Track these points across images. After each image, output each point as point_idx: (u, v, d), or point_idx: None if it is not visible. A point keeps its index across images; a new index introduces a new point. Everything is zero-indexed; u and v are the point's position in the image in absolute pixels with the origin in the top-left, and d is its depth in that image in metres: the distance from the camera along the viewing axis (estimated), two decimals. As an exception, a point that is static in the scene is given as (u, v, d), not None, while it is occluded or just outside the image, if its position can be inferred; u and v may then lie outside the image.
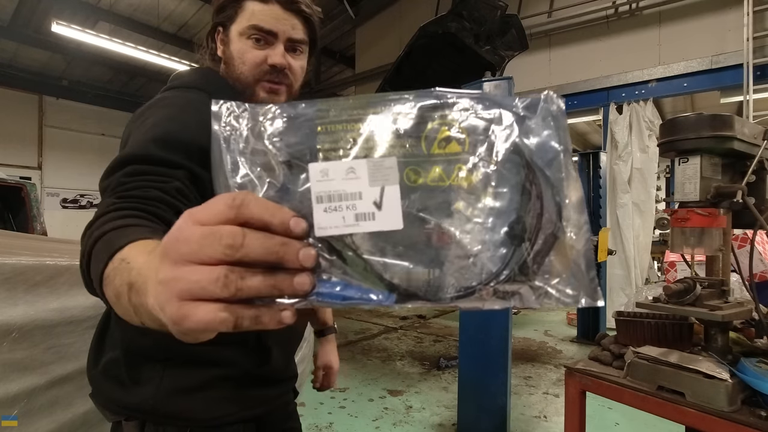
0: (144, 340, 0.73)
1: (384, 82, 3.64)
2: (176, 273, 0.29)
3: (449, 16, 3.20)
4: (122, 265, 0.43)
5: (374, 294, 0.32)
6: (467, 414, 2.46)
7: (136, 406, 0.74)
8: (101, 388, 0.79)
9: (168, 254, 0.30)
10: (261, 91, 0.81)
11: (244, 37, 0.79)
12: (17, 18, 6.76)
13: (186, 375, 0.75)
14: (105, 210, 0.55)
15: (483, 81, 2.40)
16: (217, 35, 0.84)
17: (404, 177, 0.33)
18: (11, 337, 1.16)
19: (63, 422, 1.24)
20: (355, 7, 7.29)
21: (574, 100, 5.49)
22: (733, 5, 4.45)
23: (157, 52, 6.45)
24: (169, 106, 0.75)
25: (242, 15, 0.79)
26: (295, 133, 0.35)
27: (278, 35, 0.79)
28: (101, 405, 0.80)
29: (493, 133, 0.35)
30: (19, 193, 3.95)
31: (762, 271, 2.37)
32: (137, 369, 0.75)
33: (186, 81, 0.83)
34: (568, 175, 0.34)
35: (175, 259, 0.29)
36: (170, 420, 0.75)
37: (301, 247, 0.30)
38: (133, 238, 0.46)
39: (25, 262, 1.27)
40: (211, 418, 0.76)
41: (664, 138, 1.21)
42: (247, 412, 0.80)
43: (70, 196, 9.24)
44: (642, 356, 1.13)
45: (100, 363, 0.79)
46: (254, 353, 0.80)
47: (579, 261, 0.33)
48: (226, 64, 0.82)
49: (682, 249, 1.17)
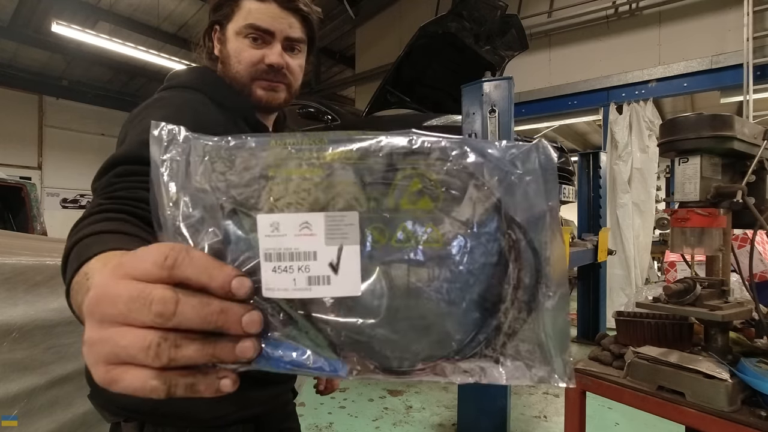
0: None
1: (384, 82, 3.63)
2: (102, 335, 0.26)
3: (449, 16, 3.20)
4: (83, 280, 0.41)
5: (325, 363, 0.29)
6: (467, 414, 2.46)
7: (135, 406, 0.74)
8: (100, 390, 0.78)
9: (93, 314, 0.27)
10: (258, 90, 0.80)
11: (241, 36, 0.78)
12: (17, 18, 6.76)
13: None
14: (90, 211, 0.55)
15: (483, 81, 2.40)
16: (213, 34, 0.83)
17: (366, 235, 0.29)
18: (11, 337, 1.16)
19: (63, 422, 1.24)
20: (355, 7, 7.29)
21: (574, 100, 5.49)
22: (733, 5, 4.44)
23: (157, 52, 6.45)
24: (166, 106, 0.74)
25: (239, 14, 0.78)
26: (242, 174, 0.29)
27: (275, 34, 0.78)
28: (100, 406, 0.80)
29: (472, 189, 0.30)
30: (19, 193, 3.95)
31: (762, 271, 2.37)
32: None
33: (183, 81, 0.82)
34: (552, 238, 0.30)
35: (100, 319, 0.26)
36: (169, 420, 0.74)
37: (244, 312, 0.27)
38: (102, 249, 0.43)
39: (25, 262, 1.27)
40: (211, 418, 0.76)
41: (664, 138, 1.21)
42: (246, 412, 0.79)
43: (70, 196, 9.25)
44: (642, 356, 1.13)
45: None
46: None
47: (555, 338, 0.30)
48: (223, 63, 0.81)
49: (682, 249, 1.17)
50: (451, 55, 3.63)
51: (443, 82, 3.89)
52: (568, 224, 5.39)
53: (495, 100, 2.36)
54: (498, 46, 3.64)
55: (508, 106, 2.35)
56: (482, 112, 2.39)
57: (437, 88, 4.00)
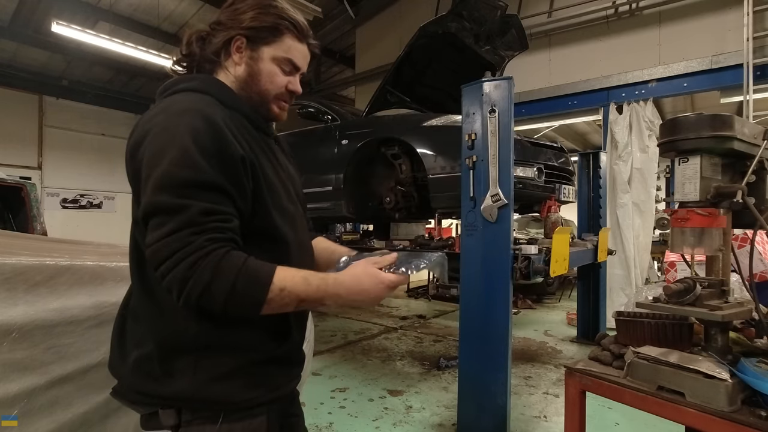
0: (181, 336, 0.83)
1: (384, 82, 3.63)
2: (381, 293, 0.85)
3: (449, 16, 3.19)
4: (284, 294, 0.78)
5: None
6: (467, 414, 2.46)
7: (174, 395, 0.82)
8: (132, 384, 0.86)
9: (380, 296, 0.84)
10: (276, 107, 0.97)
11: (275, 63, 0.93)
12: (17, 18, 6.76)
13: (217, 364, 0.83)
14: (207, 247, 0.74)
15: (483, 81, 2.40)
16: (234, 42, 0.92)
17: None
18: (11, 337, 1.16)
19: (63, 422, 1.24)
20: (355, 7, 7.29)
21: (574, 100, 5.49)
22: (733, 5, 4.45)
23: (157, 52, 6.45)
24: (189, 111, 0.82)
25: (280, 45, 0.93)
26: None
27: (300, 69, 0.98)
28: (129, 401, 0.87)
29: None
30: (19, 193, 3.95)
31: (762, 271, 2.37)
32: (170, 363, 0.82)
33: (191, 85, 0.90)
34: None
35: (388, 285, 0.84)
36: (206, 405, 0.82)
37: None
38: (270, 272, 0.78)
39: (25, 262, 1.26)
40: (242, 400, 0.84)
41: (664, 138, 1.21)
42: (272, 394, 0.89)
43: (70, 196, 9.24)
44: (642, 356, 1.13)
45: (129, 360, 0.87)
46: (276, 335, 0.90)
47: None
48: (251, 76, 0.93)
49: (682, 249, 1.17)
50: (451, 55, 3.63)
51: (443, 82, 3.89)
52: (568, 224, 5.39)
53: (495, 100, 2.36)
54: (498, 46, 3.63)
55: (508, 106, 2.35)
56: (482, 112, 2.39)
57: (437, 88, 4.00)
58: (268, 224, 0.88)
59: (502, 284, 2.36)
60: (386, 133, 3.26)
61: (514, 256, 2.45)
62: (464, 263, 2.49)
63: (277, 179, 0.93)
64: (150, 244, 0.76)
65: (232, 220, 0.79)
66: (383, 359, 3.96)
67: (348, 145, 3.42)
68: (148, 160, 0.78)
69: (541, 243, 2.82)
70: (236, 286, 0.74)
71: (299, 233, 0.97)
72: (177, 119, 0.80)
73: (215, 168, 0.78)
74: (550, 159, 3.15)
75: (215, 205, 0.77)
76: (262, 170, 0.88)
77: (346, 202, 3.47)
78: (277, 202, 0.90)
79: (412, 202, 3.28)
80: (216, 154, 0.78)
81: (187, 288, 0.73)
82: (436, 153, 2.97)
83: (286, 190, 0.96)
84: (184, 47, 0.95)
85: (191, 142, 0.77)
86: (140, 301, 0.89)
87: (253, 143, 0.89)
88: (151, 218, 0.76)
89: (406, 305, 6.72)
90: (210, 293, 0.73)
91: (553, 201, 3.14)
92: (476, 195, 2.42)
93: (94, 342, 1.34)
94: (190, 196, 0.75)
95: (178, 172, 0.75)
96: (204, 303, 0.74)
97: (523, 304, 6.42)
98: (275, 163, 0.96)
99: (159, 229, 0.75)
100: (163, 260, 0.74)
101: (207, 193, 0.77)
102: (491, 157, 2.35)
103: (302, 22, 0.95)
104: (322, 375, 3.46)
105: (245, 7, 0.92)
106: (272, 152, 0.98)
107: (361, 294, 0.82)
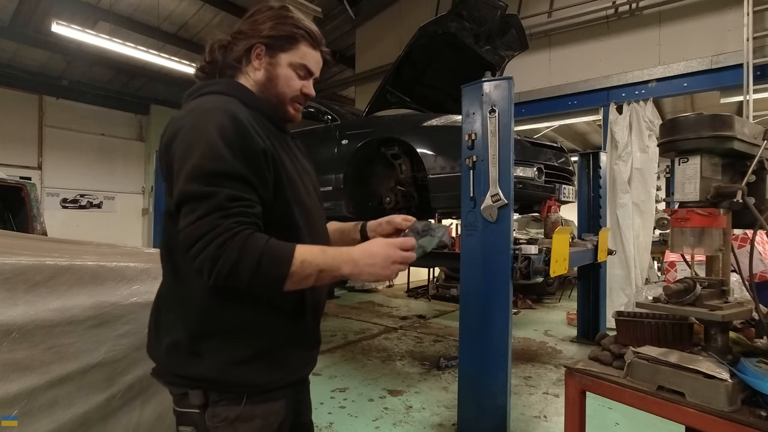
0: (206, 321, 0.91)
1: (384, 82, 3.63)
2: (392, 268, 0.91)
3: (449, 16, 3.19)
4: (305, 265, 0.84)
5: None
6: (467, 414, 2.46)
7: (200, 375, 0.90)
8: (166, 366, 0.96)
9: (388, 257, 0.90)
10: (291, 109, 1.07)
11: (292, 68, 1.03)
12: (17, 18, 6.75)
13: (240, 347, 0.91)
14: (234, 228, 0.82)
15: (483, 81, 2.40)
16: (254, 50, 1.02)
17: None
18: (11, 337, 1.16)
19: (63, 422, 1.24)
20: (355, 7, 7.29)
21: (574, 100, 5.49)
22: (733, 5, 4.44)
23: (157, 52, 6.44)
24: (216, 109, 0.91)
25: (296, 51, 1.03)
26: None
27: (314, 74, 1.07)
28: (166, 381, 0.97)
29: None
30: (19, 193, 3.95)
31: (762, 271, 2.37)
32: (197, 345, 0.91)
33: (216, 89, 0.99)
34: None
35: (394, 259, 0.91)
36: (231, 387, 0.90)
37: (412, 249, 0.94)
38: (291, 249, 0.85)
39: (25, 262, 1.27)
40: (265, 383, 0.93)
41: (664, 138, 1.21)
42: (292, 377, 0.98)
43: (70, 196, 9.23)
44: (642, 356, 1.13)
45: (163, 344, 0.96)
46: (294, 320, 0.98)
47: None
48: (269, 80, 1.03)
49: (682, 249, 1.17)
50: (451, 55, 3.63)
51: (443, 82, 3.89)
52: (568, 224, 5.39)
53: (495, 100, 2.36)
54: (498, 46, 3.63)
55: (508, 106, 2.35)
56: (482, 112, 2.39)
57: (437, 88, 4.00)
58: (286, 213, 0.96)
59: (502, 284, 2.36)
60: (386, 133, 3.26)
61: (514, 256, 2.45)
62: (464, 263, 2.49)
63: (295, 173, 1.02)
64: (183, 228, 0.83)
65: (254, 206, 0.87)
66: (383, 359, 3.96)
67: (348, 145, 3.42)
68: (180, 155, 0.87)
69: (541, 243, 2.82)
70: (261, 263, 0.81)
71: (316, 223, 1.06)
72: (204, 117, 0.89)
73: (239, 160, 0.86)
74: (550, 159, 3.15)
75: (240, 192, 0.85)
76: (282, 163, 0.96)
77: (346, 202, 3.47)
78: (295, 194, 0.99)
79: (412, 202, 3.28)
80: (240, 148, 0.87)
81: (218, 266, 0.80)
82: (436, 153, 2.97)
83: (304, 183, 1.04)
84: (207, 55, 1.05)
85: (218, 137, 0.85)
86: (170, 289, 0.99)
87: (273, 139, 0.97)
88: (184, 205, 0.84)
89: (406, 305, 6.72)
90: (237, 271, 0.80)
91: (553, 201, 3.14)
92: (476, 195, 2.42)
93: (94, 342, 1.34)
94: (217, 184, 0.83)
95: (207, 164, 0.84)
96: (232, 280, 0.81)
97: (523, 304, 6.42)
98: (293, 159, 1.05)
99: (191, 215, 0.83)
100: (195, 241, 0.81)
101: (232, 182, 0.84)
102: (491, 157, 2.35)
103: (316, 31, 1.06)
104: (322, 375, 3.46)
105: (264, 18, 1.02)
106: (290, 149, 1.07)
107: (373, 257, 0.89)
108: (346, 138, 3.46)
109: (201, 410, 0.90)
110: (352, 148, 3.38)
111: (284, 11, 1.03)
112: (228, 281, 0.81)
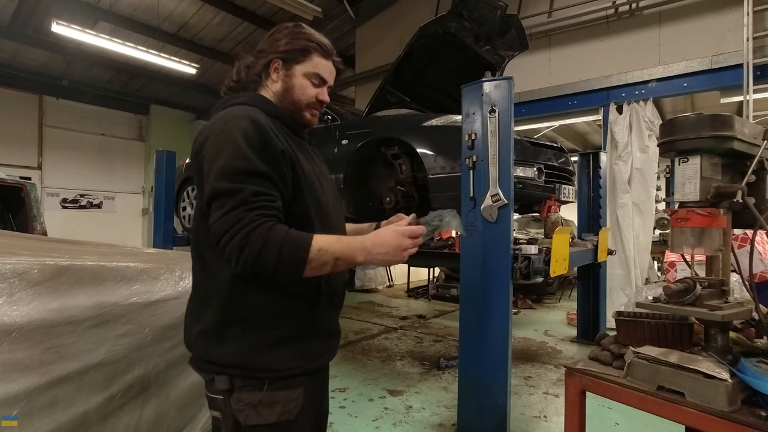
0: (230, 309, 1.00)
1: (384, 82, 3.63)
2: (402, 254, 1.01)
3: (449, 16, 3.19)
4: (322, 252, 0.93)
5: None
6: (467, 414, 2.46)
7: (224, 361, 0.98)
8: (197, 353, 1.05)
9: (401, 244, 1.00)
10: (308, 115, 1.17)
11: (306, 78, 1.14)
12: (17, 18, 6.75)
13: (262, 335, 1.00)
14: (258, 221, 0.91)
15: (483, 81, 2.40)
16: (272, 64, 1.13)
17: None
18: (11, 337, 1.16)
19: (63, 422, 1.24)
20: (355, 7, 7.29)
21: (574, 100, 5.49)
22: (733, 5, 4.44)
23: (157, 52, 6.45)
24: (240, 116, 1.01)
25: (309, 62, 1.14)
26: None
27: (327, 82, 1.18)
28: (197, 367, 1.05)
29: None
30: (19, 193, 3.95)
31: (762, 271, 2.37)
32: (222, 332, 1.00)
33: (241, 100, 1.10)
34: None
35: (405, 246, 1.01)
36: (253, 372, 0.98)
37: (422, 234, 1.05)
38: (309, 237, 0.94)
39: (25, 262, 1.27)
40: (284, 369, 1.00)
41: (664, 138, 1.21)
42: (311, 365, 1.05)
43: (70, 196, 9.23)
44: (642, 356, 1.13)
45: (193, 332, 1.05)
46: (313, 309, 1.05)
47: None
48: (286, 90, 1.14)
49: (682, 249, 1.17)
50: (451, 55, 3.63)
51: (443, 82, 3.89)
52: (568, 224, 5.39)
53: (495, 100, 2.36)
54: (498, 46, 3.63)
55: (508, 106, 2.35)
56: (482, 112, 2.39)
57: (437, 88, 4.00)
58: (304, 210, 1.05)
59: (502, 284, 2.36)
60: (386, 133, 3.26)
61: (514, 256, 2.45)
62: (464, 263, 2.49)
63: (313, 174, 1.11)
64: (213, 222, 0.93)
65: (276, 200, 0.97)
66: (383, 359, 3.96)
67: (348, 145, 3.42)
68: (209, 157, 0.97)
69: (541, 243, 2.82)
70: (282, 251, 0.90)
71: (332, 220, 1.15)
72: (230, 124, 0.99)
73: (261, 159, 0.96)
74: (550, 159, 3.15)
75: (263, 188, 0.95)
76: (300, 164, 1.06)
77: (346, 202, 3.47)
78: (312, 192, 1.08)
79: (412, 202, 3.28)
80: (261, 149, 0.97)
81: (244, 254, 0.89)
82: (436, 153, 2.97)
83: (321, 184, 1.14)
84: (234, 75, 1.17)
85: (242, 139, 0.96)
86: (199, 282, 1.09)
87: (291, 142, 1.08)
88: (214, 201, 0.94)
89: (406, 305, 6.72)
90: (261, 259, 0.89)
91: (553, 201, 3.14)
92: (476, 195, 2.42)
93: (94, 342, 1.34)
94: (243, 181, 0.93)
95: (233, 164, 0.94)
96: (258, 268, 0.90)
97: (523, 304, 6.42)
98: (311, 161, 1.15)
99: (220, 210, 0.92)
100: (223, 233, 0.91)
101: (256, 179, 0.94)
102: (491, 157, 2.35)
103: (327, 44, 1.17)
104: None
105: (281, 36, 1.14)
106: (308, 152, 1.18)
107: (383, 245, 0.99)
108: (346, 138, 3.46)
109: (227, 395, 0.98)
110: (352, 148, 3.38)
111: (298, 28, 1.15)
112: (254, 268, 0.90)
